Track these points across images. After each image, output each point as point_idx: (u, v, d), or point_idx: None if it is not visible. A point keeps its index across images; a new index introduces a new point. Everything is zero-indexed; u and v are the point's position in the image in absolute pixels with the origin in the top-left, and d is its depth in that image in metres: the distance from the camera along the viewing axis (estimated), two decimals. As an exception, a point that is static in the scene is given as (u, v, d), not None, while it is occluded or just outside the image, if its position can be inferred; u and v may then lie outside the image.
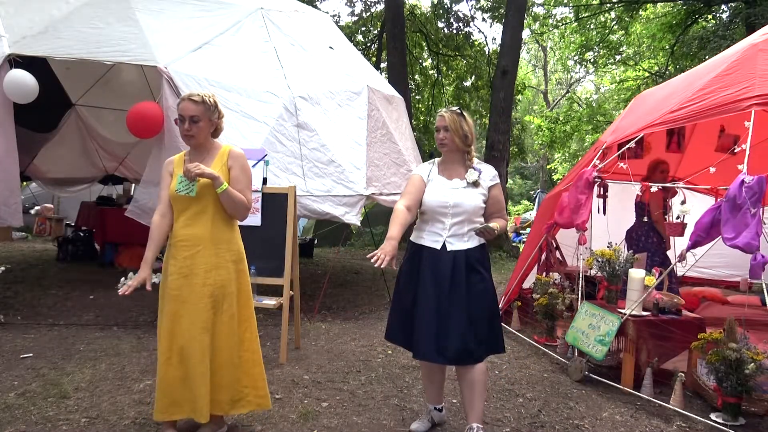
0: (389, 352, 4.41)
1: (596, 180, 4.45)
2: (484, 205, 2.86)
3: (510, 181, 26.40)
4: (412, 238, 2.97)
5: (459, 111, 2.87)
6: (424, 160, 4.27)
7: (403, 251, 3.00)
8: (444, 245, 2.81)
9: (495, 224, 2.76)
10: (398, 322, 2.92)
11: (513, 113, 14.90)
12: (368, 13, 17.10)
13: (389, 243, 2.57)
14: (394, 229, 2.66)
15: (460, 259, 2.78)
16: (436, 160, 3.03)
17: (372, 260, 2.48)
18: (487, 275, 2.85)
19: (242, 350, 2.80)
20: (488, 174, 2.90)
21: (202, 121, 2.70)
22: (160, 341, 2.74)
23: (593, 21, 16.24)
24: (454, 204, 2.81)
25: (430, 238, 2.86)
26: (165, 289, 2.73)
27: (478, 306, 2.76)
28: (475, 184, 2.84)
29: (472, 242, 2.82)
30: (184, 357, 2.66)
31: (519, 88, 15.82)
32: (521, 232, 15.80)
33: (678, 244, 5.22)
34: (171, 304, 2.68)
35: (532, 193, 26.94)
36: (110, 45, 4.92)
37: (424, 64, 18.49)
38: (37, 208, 11.74)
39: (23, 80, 4.65)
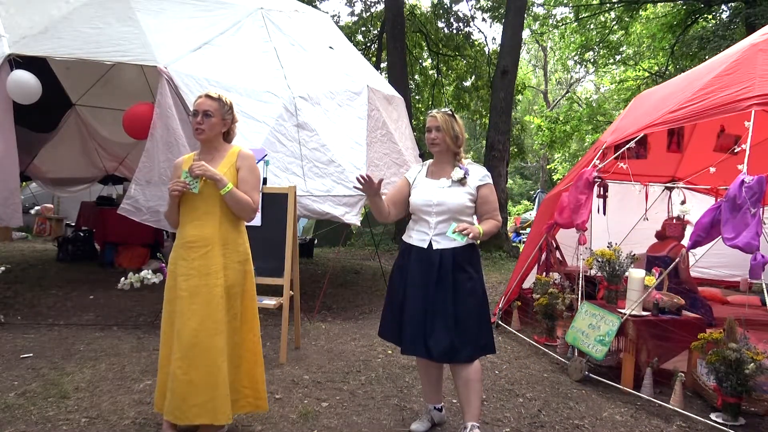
0: (389, 352, 4.41)
1: (596, 180, 4.46)
2: (471, 204, 2.85)
3: (510, 181, 26.37)
4: (403, 237, 3.01)
5: (450, 112, 2.90)
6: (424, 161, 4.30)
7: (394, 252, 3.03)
8: (430, 244, 2.82)
9: (479, 227, 2.78)
10: (389, 318, 2.94)
11: (513, 113, 14.91)
12: (368, 13, 17.11)
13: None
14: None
15: (447, 257, 2.79)
16: (428, 162, 3.05)
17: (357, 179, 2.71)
18: (476, 275, 2.84)
19: (243, 350, 2.79)
20: (477, 174, 2.89)
21: (215, 118, 2.73)
22: (163, 342, 2.72)
23: (593, 21, 16.25)
24: (437, 202, 2.83)
25: (417, 237, 2.88)
26: (173, 290, 2.70)
27: (465, 305, 2.76)
28: (461, 182, 2.84)
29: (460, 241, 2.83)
30: (194, 360, 2.59)
31: (519, 88, 15.82)
32: (521, 232, 15.80)
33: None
34: (180, 305, 2.64)
35: (532, 193, 26.94)
36: (110, 45, 4.93)
37: (424, 64, 18.50)
38: (37, 208, 11.75)
39: (26, 81, 4.65)
